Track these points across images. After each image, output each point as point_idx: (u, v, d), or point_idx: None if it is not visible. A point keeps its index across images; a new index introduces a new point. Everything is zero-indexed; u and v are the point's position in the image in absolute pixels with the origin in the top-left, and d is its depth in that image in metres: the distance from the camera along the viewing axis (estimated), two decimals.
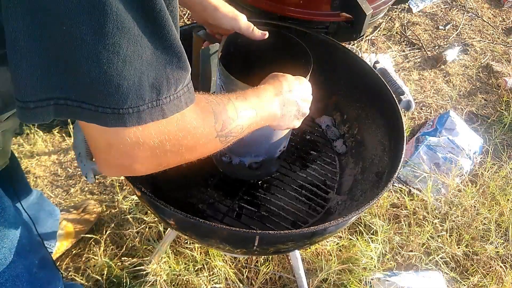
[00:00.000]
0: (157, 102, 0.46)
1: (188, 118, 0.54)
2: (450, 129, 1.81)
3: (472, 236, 1.58)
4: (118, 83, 0.42)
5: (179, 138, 0.53)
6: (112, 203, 1.51)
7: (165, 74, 0.46)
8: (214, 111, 0.60)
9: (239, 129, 0.66)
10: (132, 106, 0.44)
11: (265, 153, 1.02)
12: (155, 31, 0.43)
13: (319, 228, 0.80)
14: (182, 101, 0.50)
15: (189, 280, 1.32)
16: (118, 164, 0.52)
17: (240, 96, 0.68)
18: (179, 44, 0.46)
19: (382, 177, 0.99)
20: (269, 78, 0.79)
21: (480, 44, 2.44)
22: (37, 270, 0.98)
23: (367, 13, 1.14)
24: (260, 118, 0.71)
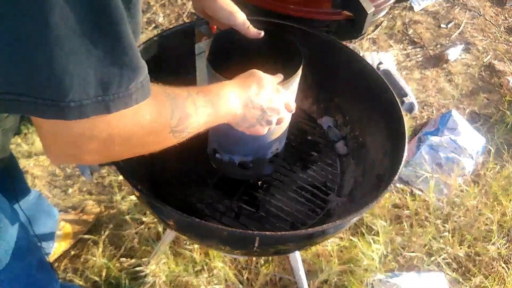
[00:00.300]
0: (103, 98, 0.45)
1: (142, 112, 0.53)
2: (452, 128, 1.79)
3: (474, 236, 1.56)
4: (60, 76, 0.42)
5: (130, 132, 0.53)
6: (110, 204, 1.51)
7: (114, 71, 0.45)
8: (171, 106, 0.59)
9: (196, 125, 0.65)
10: (74, 100, 0.44)
11: (253, 153, 1.01)
12: (105, 30, 0.42)
13: (318, 229, 0.80)
14: (132, 98, 0.49)
15: (188, 281, 1.32)
16: (65, 153, 0.53)
17: (201, 92, 0.67)
18: (132, 42, 0.45)
19: (382, 180, 0.98)
20: (246, 74, 0.78)
21: (482, 43, 2.42)
22: (35, 272, 0.98)
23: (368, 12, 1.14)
24: (218, 116, 0.70)
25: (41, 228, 1.26)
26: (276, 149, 1.03)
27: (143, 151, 0.60)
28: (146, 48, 1.05)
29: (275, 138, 0.98)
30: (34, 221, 1.22)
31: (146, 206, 0.95)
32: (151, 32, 2.13)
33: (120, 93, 0.47)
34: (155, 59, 1.08)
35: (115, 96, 0.46)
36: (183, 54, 1.12)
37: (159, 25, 2.19)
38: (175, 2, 2.32)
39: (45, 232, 1.28)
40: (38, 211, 1.25)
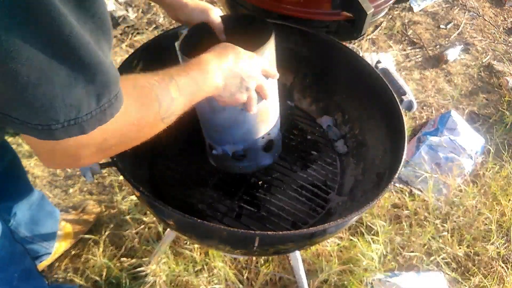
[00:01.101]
0: (75, 121, 0.47)
1: (131, 112, 0.55)
2: (452, 128, 1.80)
3: (473, 236, 1.57)
4: (33, 104, 0.43)
5: (123, 133, 0.55)
6: (111, 204, 1.51)
7: (81, 94, 0.46)
8: (158, 96, 0.61)
9: (182, 106, 0.66)
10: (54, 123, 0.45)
11: (242, 140, 1.00)
12: (67, 55, 0.43)
13: (319, 229, 0.80)
14: (106, 114, 0.49)
15: (188, 281, 1.32)
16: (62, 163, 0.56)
17: (182, 71, 0.68)
18: (98, 61, 0.46)
19: (382, 178, 0.98)
20: (217, 47, 0.79)
21: (482, 44, 2.43)
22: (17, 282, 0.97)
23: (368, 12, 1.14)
24: (202, 91, 0.72)
25: (43, 228, 1.26)
26: (267, 134, 1.02)
27: (138, 143, 0.62)
28: (146, 48, 1.05)
29: (261, 121, 0.97)
30: (36, 221, 1.23)
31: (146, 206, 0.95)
32: (152, 33, 2.13)
33: (93, 112, 0.48)
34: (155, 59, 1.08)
35: (88, 116, 0.47)
36: None
37: (159, 26, 2.19)
38: None
39: (46, 232, 1.28)
40: (40, 211, 1.25)
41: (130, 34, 2.12)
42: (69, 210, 1.42)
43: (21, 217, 1.17)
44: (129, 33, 2.13)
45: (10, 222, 1.13)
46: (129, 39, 2.10)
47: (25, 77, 0.41)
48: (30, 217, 1.21)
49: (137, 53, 1.03)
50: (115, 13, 2.16)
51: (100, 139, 0.52)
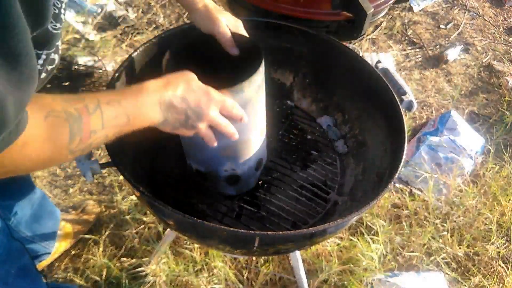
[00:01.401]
0: None
1: (33, 144, 0.52)
2: (452, 128, 1.80)
3: (473, 236, 1.57)
4: None
5: (16, 164, 0.52)
6: (111, 204, 1.51)
7: None
8: (71, 130, 0.56)
9: (103, 139, 0.62)
10: None
11: (205, 164, 0.96)
12: None
13: (319, 229, 0.79)
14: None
15: (188, 281, 1.32)
16: None
17: (114, 100, 0.62)
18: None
19: (383, 178, 0.98)
20: (172, 75, 0.73)
21: (482, 44, 2.43)
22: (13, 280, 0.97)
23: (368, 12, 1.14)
24: (133, 125, 0.65)
25: (43, 228, 1.26)
26: (231, 169, 0.96)
27: (31, 171, 0.60)
28: (146, 48, 1.05)
29: (225, 155, 0.92)
30: (37, 220, 1.23)
31: (146, 206, 0.95)
32: (152, 33, 2.13)
33: None
34: (155, 60, 1.08)
35: None
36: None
37: (159, 26, 2.20)
38: (176, 3, 2.32)
39: (47, 231, 1.28)
40: (42, 210, 1.25)
41: (130, 34, 2.12)
42: (69, 210, 1.42)
43: (22, 215, 1.17)
44: (129, 33, 2.13)
45: (10, 220, 1.13)
46: (129, 39, 2.10)
47: None
48: (31, 216, 1.20)
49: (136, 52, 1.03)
50: (115, 13, 2.16)
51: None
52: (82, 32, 2.07)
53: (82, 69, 1.86)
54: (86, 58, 1.93)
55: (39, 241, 1.25)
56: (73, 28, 2.06)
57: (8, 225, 1.05)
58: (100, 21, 2.13)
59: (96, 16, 2.12)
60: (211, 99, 0.73)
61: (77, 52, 1.97)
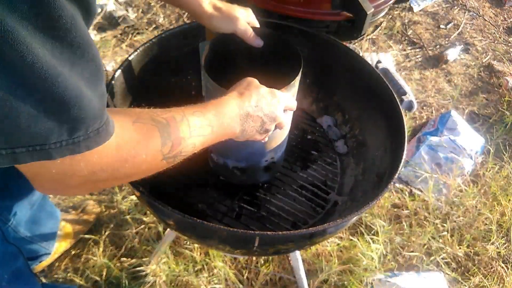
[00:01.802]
0: (41, 147, 0.45)
1: (125, 148, 0.53)
2: (452, 129, 1.80)
3: (473, 236, 1.57)
4: (5, 131, 0.43)
5: (114, 168, 0.53)
6: (111, 204, 1.51)
7: (50, 124, 0.44)
8: (162, 135, 0.58)
9: (191, 147, 0.64)
10: (18, 147, 0.44)
11: (246, 160, 1.00)
12: (33, 90, 0.41)
13: (319, 229, 0.80)
14: (81, 146, 0.47)
15: (188, 280, 1.32)
16: (51, 189, 0.54)
17: (198, 111, 0.66)
18: (71, 94, 0.44)
19: (382, 178, 0.98)
20: (240, 85, 0.76)
21: (482, 44, 2.43)
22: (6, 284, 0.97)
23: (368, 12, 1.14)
24: (216, 136, 0.69)
25: (43, 228, 1.26)
26: (271, 158, 1.02)
27: (132, 179, 0.60)
28: (146, 48, 1.06)
29: (269, 146, 0.96)
30: (36, 221, 1.23)
31: (146, 206, 0.95)
32: (152, 33, 2.13)
33: (63, 142, 0.46)
34: (155, 60, 1.09)
35: (56, 145, 0.46)
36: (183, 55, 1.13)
37: (159, 26, 2.20)
38: None
39: (47, 232, 1.28)
40: (41, 211, 1.25)
41: (130, 34, 2.12)
42: (69, 210, 1.42)
43: (21, 216, 1.17)
44: (129, 33, 2.13)
45: (10, 221, 1.13)
46: (129, 39, 2.10)
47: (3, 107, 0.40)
48: (30, 217, 1.20)
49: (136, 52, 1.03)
50: (115, 13, 2.16)
51: (87, 171, 0.50)
52: None
53: None
54: None
55: (38, 242, 1.25)
56: None
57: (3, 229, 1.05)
58: (100, 21, 2.13)
59: (96, 16, 2.12)
60: (279, 102, 0.78)
61: None
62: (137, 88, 1.06)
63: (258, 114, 0.74)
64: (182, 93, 1.20)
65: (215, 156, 1.05)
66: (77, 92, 0.44)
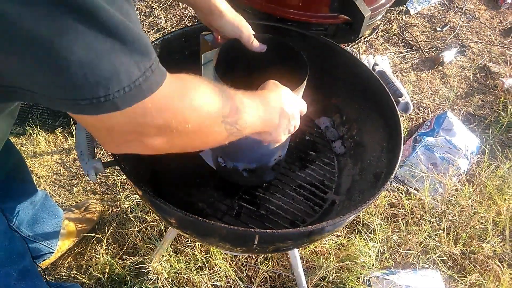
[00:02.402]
0: (130, 86, 0.46)
1: (191, 95, 0.55)
2: (448, 129, 1.82)
3: (469, 235, 1.59)
4: (83, 79, 0.43)
5: (184, 115, 0.54)
6: (114, 203, 1.53)
7: (127, 60, 0.45)
8: (221, 95, 0.60)
9: (244, 122, 0.65)
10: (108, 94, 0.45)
11: (257, 161, 1.02)
12: (100, 26, 0.42)
13: (317, 227, 0.81)
14: (143, 89, 0.47)
15: (190, 278, 1.34)
16: (126, 143, 0.54)
17: (247, 94, 0.68)
18: (133, 31, 0.45)
19: (379, 178, 1.00)
20: (271, 85, 0.79)
21: (478, 46, 2.45)
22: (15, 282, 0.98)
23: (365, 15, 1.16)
24: (261, 121, 0.71)
25: (45, 228, 1.28)
26: (279, 156, 1.04)
27: (197, 139, 0.60)
28: None
29: (280, 146, 0.99)
30: (38, 221, 1.25)
31: (148, 205, 0.97)
32: (153, 36, 2.15)
33: (126, 88, 0.46)
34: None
35: (120, 93, 0.45)
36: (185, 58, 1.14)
37: (161, 29, 2.22)
38: (177, 6, 2.34)
39: (49, 231, 1.30)
40: (43, 211, 1.27)
41: None
42: (72, 209, 1.44)
43: (23, 216, 1.18)
44: None
45: (13, 222, 1.15)
46: None
47: (79, 52, 0.41)
48: (32, 217, 1.22)
49: None
50: None
51: (161, 119, 0.51)
52: None
53: None
54: None
55: (41, 241, 1.27)
56: None
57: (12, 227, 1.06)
58: None
59: None
60: (298, 103, 0.82)
61: None
62: None
63: (287, 111, 0.77)
64: None
65: (222, 160, 1.06)
66: (125, 25, 0.44)
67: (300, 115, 0.86)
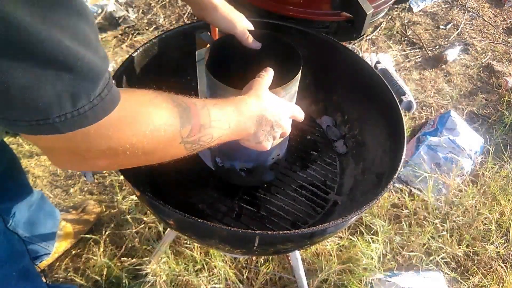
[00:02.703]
0: (45, 121, 0.43)
1: (143, 121, 0.52)
2: (451, 129, 1.80)
3: (472, 236, 1.57)
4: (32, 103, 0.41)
5: (132, 142, 0.51)
6: (111, 203, 1.51)
7: (51, 93, 0.42)
8: (181, 115, 0.57)
9: (209, 138, 0.62)
10: (56, 116, 0.43)
11: (254, 159, 1.00)
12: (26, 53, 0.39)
13: (319, 228, 0.80)
14: (88, 117, 0.45)
15: (188, 280, 1.32)
16: (69, 163, 0.53)
17: (218, 104, 0.65)
18: (74, 56, 0.41)
19: (382, 178, 0.98)
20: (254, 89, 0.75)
21: (481, 44, 2.43)
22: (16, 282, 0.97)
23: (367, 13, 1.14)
24: (232, 132, 0.68)
25: (42, 229, 1.27)
26: (277, 155, 1.02)
27: (151, 160, 0.58)
28: (146, 49, 1.06)
29: (277, 145, 0.97)
30: (35, 222, 1.23)
31: (147, 206, 0.95)
32: (152, 33, 2.14)
33: (68, 115, 0.43)
34: (155, 60, 1.09)
35: (61, 118, 0.43)
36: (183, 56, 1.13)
37: (159, 26, 2.20)
38: (176, 3, 2.33)
39: (45, 232, 1.29)
40: (39, 211, 1.25)
41: (131, 35, 2.13)
42: (69, 210, 1.43)
43: (19, 217, 1.17)
44: (130, 34, 2.13)
45: (9, 223, 1.14)
46: (130, 39, 2.10)
47: (22, 79, 0.39)
48: (29, 218, 1.21)
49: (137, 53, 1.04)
50: (115, 13, 2.16)
51: (104, 146, 0.49)
52: None
53: None
54: None
55: (38, 242, 1.26)
56: None
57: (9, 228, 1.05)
58: (100, 22, 2.13)
59: (97, 17, 2.12)
60: (287, 110, 0.79)
61: None
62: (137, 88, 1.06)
63: (270, 119, 0.74)
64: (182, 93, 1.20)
65: (220, 160, 1.05)
66: (72, 52, 0.41)
67: (296, 120, 0.83)
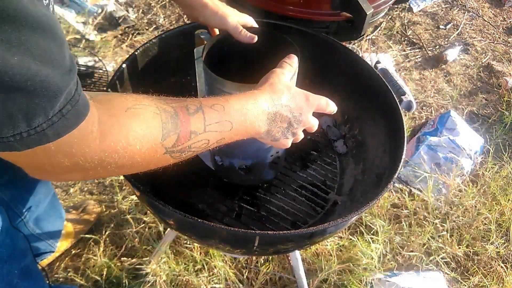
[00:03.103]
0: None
1: (114, 135, 0.48)
2: (451, 129, 1.80)
3: (472, 236, 1.57)
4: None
5: (101, 158, 0.48)
6: (111, 203, 1.51)
7: (6, 114, 0.39)
8: (164, 125, 0.52)
9: (204, 144, 0.58)
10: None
11: (253, 157, 0.99)
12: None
13: (319, 228, 0.80)
14: (47, 134, 0.42)
15: (188, 280, 1.32)
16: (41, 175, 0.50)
17: (218, 104, 0.59)
18: (23, 75, 0.38)
19: (382, 178, 0.98)
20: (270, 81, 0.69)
21: (481, 44, 2.43)
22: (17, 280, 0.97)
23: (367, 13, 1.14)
24: (236, 134, 0.62)
25: (51, 226, 1.26)
26: (276, 152, 1.01)
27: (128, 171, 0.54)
28: (146, 49, 1.06)
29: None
30: (46, 218, 1.23)
31: (147, 206, 0.95)
32: (152, 33, 2.14)
33: (24, 134, 0.41)
34: (155, 60, 1.09)
35: (16, 138, 0.41)
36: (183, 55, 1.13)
37: (159, 26, 2.20)
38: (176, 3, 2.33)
39: (53, 230, 1.28)
40: (52, 209, 1.25)
41: (131, 35, 2.13)
42: (69, 210, 1.43)
43: (34, 211, 1.17)
44: (130, 34, 2.13)
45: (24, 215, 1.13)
46: (130, 39, 2.10)
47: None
48: (42, 213, 1.20)
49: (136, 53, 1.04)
50: (115, 13, 2.16)
51: (69, 162, 0.46)
52: (83, 32, 2.07)
53: (82, 69, 1.86)
54: (86, 58, 1.94)
55: (45, 239, 1.26)
56: (73, 29, 2.07)
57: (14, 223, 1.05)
58: (100, 22, 2.13)
59: (97, 17, 2.13)
60: (310, 104, 0.71)
61: (78, 52, 1.97)
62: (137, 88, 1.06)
63: (287, 115, 0.68)
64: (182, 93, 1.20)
65: (219, 159, 1.04)
66: (21, 71, 0.38)
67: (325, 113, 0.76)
